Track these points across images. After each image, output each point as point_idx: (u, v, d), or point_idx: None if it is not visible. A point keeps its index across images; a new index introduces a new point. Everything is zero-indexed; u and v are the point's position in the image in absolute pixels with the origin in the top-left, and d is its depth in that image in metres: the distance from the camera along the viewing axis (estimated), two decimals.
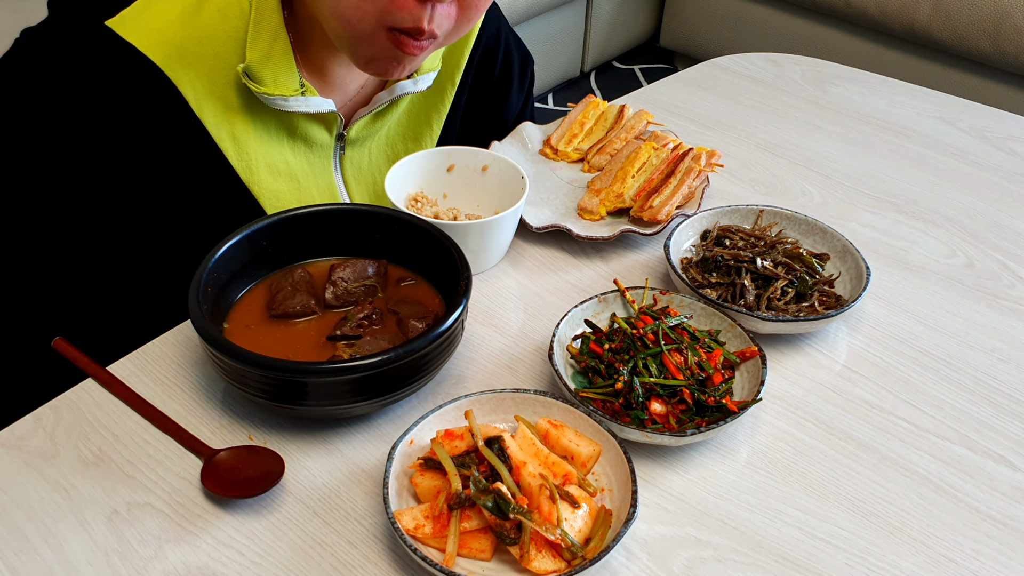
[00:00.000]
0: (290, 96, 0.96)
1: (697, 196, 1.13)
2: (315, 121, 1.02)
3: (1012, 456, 0.86)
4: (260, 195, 1.01)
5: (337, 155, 1.06)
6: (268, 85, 0.94)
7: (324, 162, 1.05)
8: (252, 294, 0.92)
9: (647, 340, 0.87)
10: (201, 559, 0.74)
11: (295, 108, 0.97)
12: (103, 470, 0.80)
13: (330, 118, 1.02)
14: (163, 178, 0.97)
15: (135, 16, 0.90)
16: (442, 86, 1.12)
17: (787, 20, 2.91)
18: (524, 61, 1.25)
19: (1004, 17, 2.44)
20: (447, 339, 0.82)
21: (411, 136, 1.14)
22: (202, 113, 0.94)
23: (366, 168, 1.10)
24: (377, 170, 1.12)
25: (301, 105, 0.97)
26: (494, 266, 1.05)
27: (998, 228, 1.17)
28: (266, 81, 0.94)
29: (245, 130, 0.97)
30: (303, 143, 1.02)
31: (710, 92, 1.45)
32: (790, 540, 0.77)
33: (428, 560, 0.69)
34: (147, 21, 0.90)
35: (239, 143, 0.97)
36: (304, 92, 0.97)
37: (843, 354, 0.96)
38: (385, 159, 1.12)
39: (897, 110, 1.42)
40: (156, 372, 0.89)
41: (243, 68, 0.93)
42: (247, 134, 0.98)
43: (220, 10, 0.92)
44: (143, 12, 0.90)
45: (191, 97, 0.93)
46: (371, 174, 1.11)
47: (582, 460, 0.79)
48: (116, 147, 0.93)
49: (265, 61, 0.93)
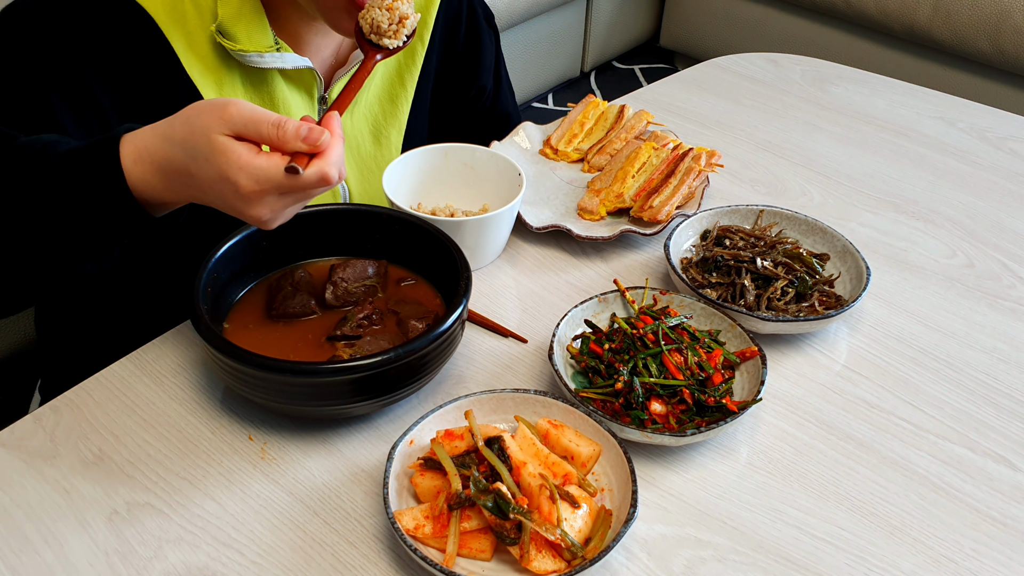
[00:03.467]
0: (265, 52, 0.96)
1: (697, 196, 1.13)
2: (295, 84, 1.01)
3: (1012, 456, 0.86)
4: None
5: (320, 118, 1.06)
6: (242, 42, 0.94)
7: None
8: (252, 294, 0.92)
9: (647, 340, 0.87)
10: (201, 559, 0.74)
11: (271, 64, 0.96)
12: (103, 470, 0.80)
13: (308, 80, 1.02)
14: None
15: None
16: (412, 47, 1.12)
17: (787, 20, 2.91)
18: (487, 14, 1.24)
19: (1004, 17, 2.44)
20: (447, 339, 0.82)
21: (387, 99, 1.12)
22: (191, 71, 0.94)
23: (349, 134, 1.10)
24: (360, 134, 1.11)
25: (277, 61, 0.97)
26: (491, 263, 1.05)
27: (998, 228, 1.17)
28: (240, 38, 0.94)
29: (232, 89, 0.98)
30: (284, 107, 1.01)
31: (710, 92, 1.45)
32: (790, 540, 0.77)
33: (428, 560, 0.69)
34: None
35: None
36: (279, 49, 0.97)
37: (843, 354, 0.96)
38: (366, 122, 1.11)
39: (897, 110, 1.42)
40: (156, 372, 0.89)
41: (216, 26, 0.93)
42: (234, 92, 0.98)
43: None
44: None
45: (181, 54, 0.93)
46: (354, 138, 1.10)
47: (582, 460, 0.79)
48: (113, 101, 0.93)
49: (237, 18, 0.94)
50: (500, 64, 1.29)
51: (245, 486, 0.80)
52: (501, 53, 1.30)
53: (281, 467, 0.81)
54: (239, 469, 0.81)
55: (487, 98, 1.26)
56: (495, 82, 1.27)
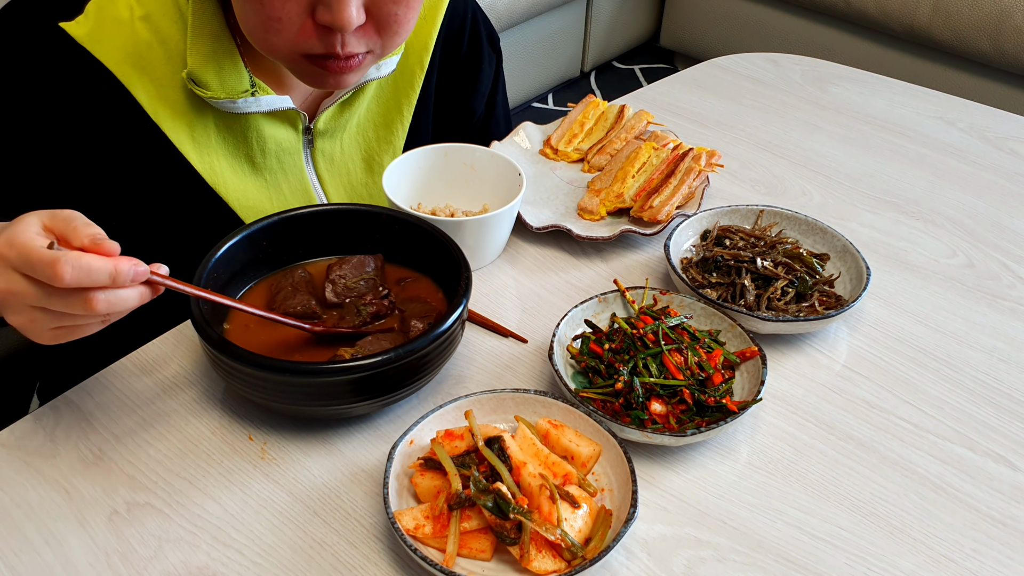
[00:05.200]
0: (239, 98, 0.95)
1: (697, 196, 1.13)
2: (276, 119, 1.00)
3: (1012, 456, 0.86)
4: (227, 196, 1.00)
5: (307, 149, 1.05)
6: (214, 89, 0.94)
7: (294, 158, 1.04)
8: (252, 294, 0.92)
9: (647, 340, 0.87)
10: (201, 559, 0.74)
11: (245, 109, 0.96)
12: (103, 470, 0.80)
13: (291, 114, 1.01)
14: (124, 184, 0.97)
15: (88, 20, 0.90)
16: (410, 70, 1.10)
17: (787, 20, 2.91)
18: (491, 36, 1.22)
19: (1004, 17, 2.44)
20: (447, 339, 0.82)
21: (382, 123, 1.11)
22: (158, 117, 0.94)
23: (339, 159, 1.09)
24: (351, 160, 1.10)
25: (252, 106, 0.96)
26: (491, 263, 1.05)
27: (998, 228, 1.17)
28: (211, 85, 0.93)
29: (205, 132, 0.97)
30: (268, 141, 1.01)
31: (710, 92, 1.45)
32: (790, 540, 0.77)
33: (428, 560, 0.69)
34: (100, 24, 0.90)
35: (200, 146, 0.97)
36: (255, 92, 0.96)
37: (843, 354, 0.96)
38: (357, 149, 1.10)
39: (897, 110, 1.42)
40: (156, 372, 0.89)
41: (186, 73, 0.92)
42: (207, 136, 0.97)
43: (165, 15, 0.92)
44: (96, 15, 0.90)
45: (145, 102, 0.93)
46: (344, 165, 1.09)
47: (582, 460, 0.79)
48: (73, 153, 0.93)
49: (206, 65, 0.93)
50: (498, 91, 1.26)
51: (245, 486, 0.80)
52: (502, 79, 1.27)
53: (281, 467, 0.81)
54: (239, 469, 0.81)
55: (475, 123, 1.24)
56: (487, 109, 1.24)
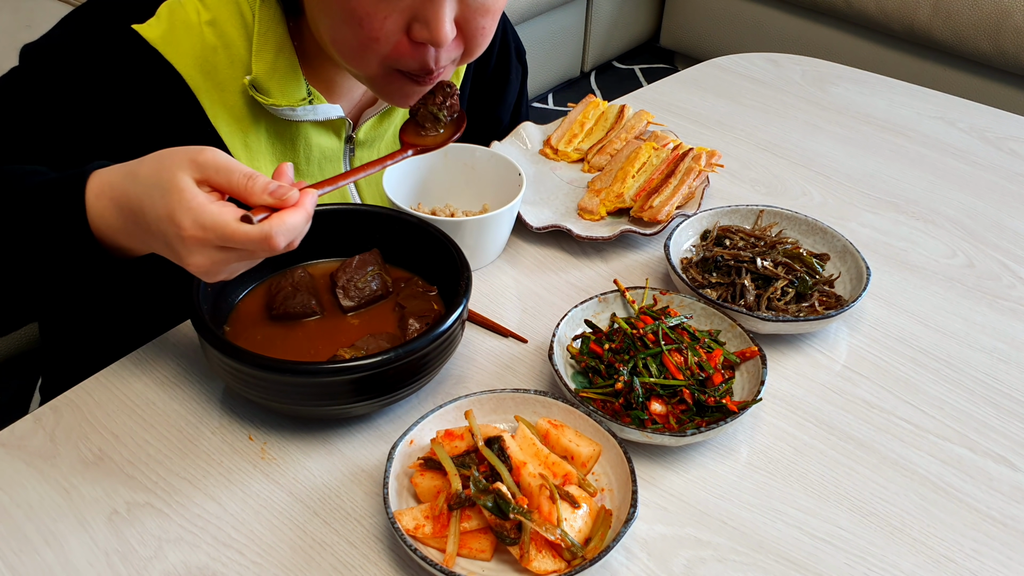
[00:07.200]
0: (297, 106, 0.97)
1: (697, 196, 1.13)
2: (323, 128, 1.02)
3: (1012, 456, 0.86)
4: None
5: (347, 157, 1.07)
6: (275, 96, 0.95)
7: (335, 166, 1.05)
8: (252, 295, 0.92)
9: (647, 340, 0.87)
10: (201, 559, 0.74)
11: (303, 117, 0.98)
12: (103, 470, 0.80)
13: (338, 123, 1.03)
14: None
15: (160, 22, 0.91)
16: None
17: (787, 20, 2.91)
18: (519, 49, 1.25)
19: (1004, 17, 2.44)
20: (447, 339, 0.82)
21: None
22: (217, 122, 0.95)
23: None
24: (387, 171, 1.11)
25: (309, 114, 0.98)
26: (491, 263, 1.05)
27: (998, 228, 1.17)
28: (273, 92, 0.95)
29: (257, 138, 0.98)
30: (314, 149, 1.02)
31: (710, 92, 1.45)
32: (790, 540, 0.77)
33: (428, 560, 0.69)
34: (172, 28, 0.91)
35: (251, 151, 0.98)
36: (312, 100, 0.98)
37: (843, 354, 0.96)
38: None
39: (897, 110, 1.42)
40: (156, 372, 0.89)
41: (249, 80, 0.93)
42: (259, 142, 0.98)
43: (229, 20, 0.93)
44: (168, 18, 0.91)
45: (208, 106, 0.93)
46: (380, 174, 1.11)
47: (582, 460, 0.79)
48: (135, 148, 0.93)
49: (271, 73, 0.94)
50: (523, 102, 1.29)
51: (245, 486, 0.80)
52: (526, 92, 1.30)
53: (281, 467, 0.81)
54: (239, 469, 0.81)
55: (500, 133, 1.26)
56: (512, 119, 1.28)
